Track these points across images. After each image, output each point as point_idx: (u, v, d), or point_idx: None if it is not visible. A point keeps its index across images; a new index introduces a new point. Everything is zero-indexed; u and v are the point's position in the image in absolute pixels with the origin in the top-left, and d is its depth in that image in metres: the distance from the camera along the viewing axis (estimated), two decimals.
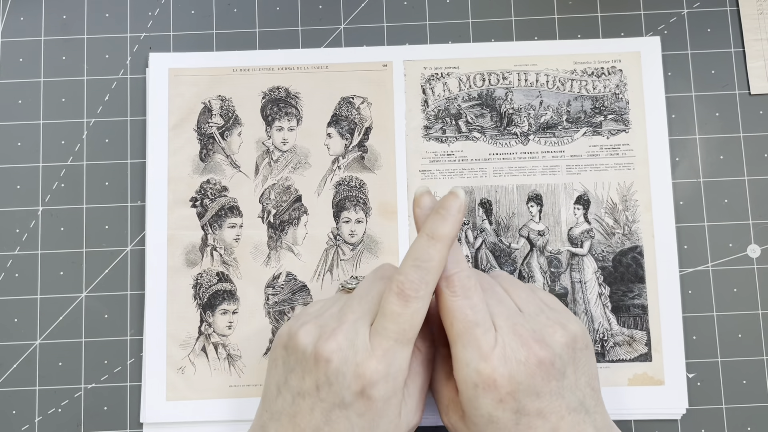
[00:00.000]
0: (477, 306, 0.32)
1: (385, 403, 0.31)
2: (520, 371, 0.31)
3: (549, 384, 0.31)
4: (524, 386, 0.31)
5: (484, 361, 0.31)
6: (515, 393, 0.31)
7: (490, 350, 0.31)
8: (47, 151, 0.44)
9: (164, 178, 0.43)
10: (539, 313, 0.34)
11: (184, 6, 0.46)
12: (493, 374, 0.31)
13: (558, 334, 0.33)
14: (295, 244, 0.43)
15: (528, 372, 0.31)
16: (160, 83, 0.44)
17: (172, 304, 0.42)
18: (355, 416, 0.31)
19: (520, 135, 0.44)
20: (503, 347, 0.31)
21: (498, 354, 0.31)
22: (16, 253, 0.43)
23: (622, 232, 0.43)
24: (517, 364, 0.31)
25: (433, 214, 0.33)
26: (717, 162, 0.44)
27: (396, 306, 0.31)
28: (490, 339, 0.32)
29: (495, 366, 0.31)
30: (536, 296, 0.36)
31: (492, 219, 0.43)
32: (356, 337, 0.32)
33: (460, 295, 0.32)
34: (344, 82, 0.44)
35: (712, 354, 0.42)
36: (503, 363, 0.31)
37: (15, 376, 0.42)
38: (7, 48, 0.45)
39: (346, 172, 0.44)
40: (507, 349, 0.31)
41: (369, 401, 0.31)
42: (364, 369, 0.31)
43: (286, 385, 0.33)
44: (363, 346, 0.31)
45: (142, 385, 0.42)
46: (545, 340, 0.32)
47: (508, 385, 0.31)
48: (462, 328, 0.32)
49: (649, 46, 0.44)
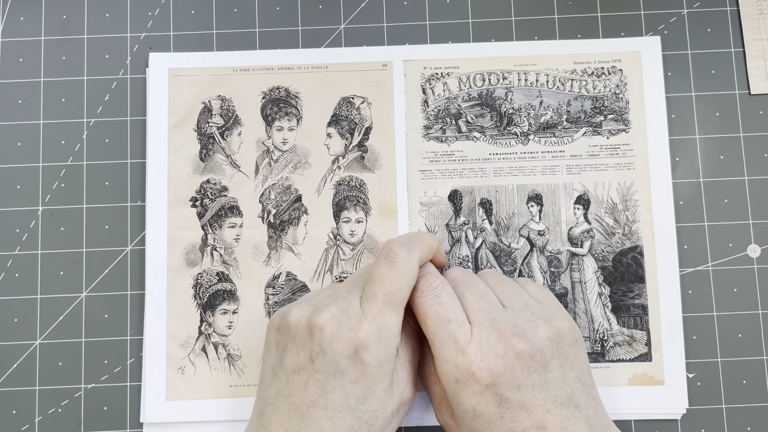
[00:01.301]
0: (446, 303, 0.34)
1: (378, 368, 0.32)
2: (498, 364, 0.32)
3: (530, 377, 0.32)
4: (504, 378, 0.32)
5: (461, 355, 0.32)
6: (495, 386, 0.32)
7: (466, 344, 0.32)
8: (47, 151, 0.44)
9: (164, 178, 0.43)
10: (524, 309, 0.35)
11: (184, 6, 0.46)
12: (471, 367, 0.32)
13: (541, 329, 0.33)
14: (295, 244, 0.43)
15: (506, 364, 0.32)
16: (160, 83, 0.44)
17: (172, 304, 0.42)
18: (349, 384, 0.32)
19: (520, 135, 0.44)
20: (479, 341, 0.32)
21: (474, 348, 0.32)
22: (16, 253, 0.43)
23: (622, 232, 0.43)
24: (495, 357, 0.32)
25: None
26: (717, 162, 0.44)
27: (384, 268, 0.33)
28: (465, 333, 0.33)
29: (472, 359, 0.32)
30: (524, 291, 0.37)
31: (492, 219, 0.43)
32: (348, 306, 0.33)
33: (428, 295, 0.34)
34: (344, 82, 0.44)
35: (712, 354, 0.42)
36: (480, 356, 0.32)
37: (15, 376, 0.42)
38: (7, 48, 0.45)
39: (346, 172, 0.44)
40: (484, 343, 0.32)
41: (362, 366, 0.32)
42: (356, 332, 0.32)
43: (281, 365, 0.33)
44: (355, 312, 0.33)
45: (142, 385, 0.42)
46: (525, 334, 0.33)
47: (488, 377, 0.32)
48: (435, 325, 0.33)
49: (649, 46, 0.44)
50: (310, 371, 0.32)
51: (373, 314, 0.32)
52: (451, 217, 0.43)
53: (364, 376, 0.32)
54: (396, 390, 0.34)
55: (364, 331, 0.32)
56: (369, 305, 0.33)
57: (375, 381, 0.32)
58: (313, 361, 0.32)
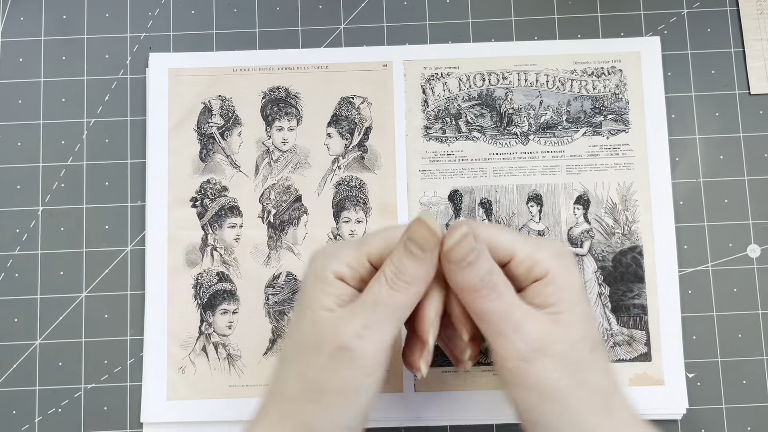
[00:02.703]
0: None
1: (314, 282, 0.31)
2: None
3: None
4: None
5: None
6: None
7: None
8: (47, 151, 0.44)
9: (164, 178, 0.43)
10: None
11: (184, 6, 0.46)
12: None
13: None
14: (295, 243, 0.43)
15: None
16: (160, 83, 0.44)
17: (172, 303, 0.42)
18: (297, 305, 0.32)
19: (520, 135, 0.44)
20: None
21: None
22: (16, 253, 0.43)
23: (622, 232, 0.43)
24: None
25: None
26: (717, 162, 0.44)
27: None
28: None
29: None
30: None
31: (492, 219, 0.43)
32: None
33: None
34: (344, 82, 0.44)
35: (712, 354, 0.42)
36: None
37: (15, 376, 0.42)
38: (7, 48, 0.45)
39: (346, 172, 0.44)
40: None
41: (302, 285, 0.32)
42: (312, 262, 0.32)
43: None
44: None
45: (143, 385, 0.42)
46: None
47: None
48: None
49: (649, 46, 0.44)
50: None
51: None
52: (451, 217, 0.43)
53: (302, 289, 0.32)
54: (332, 318, 0.30)
55: (318, 250, 0.32)
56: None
57: (306, 294, 0.31)
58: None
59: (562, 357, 0.30)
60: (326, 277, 0.31)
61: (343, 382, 0.29)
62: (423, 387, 0.42)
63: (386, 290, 0.30)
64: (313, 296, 0.31)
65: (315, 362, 0.30)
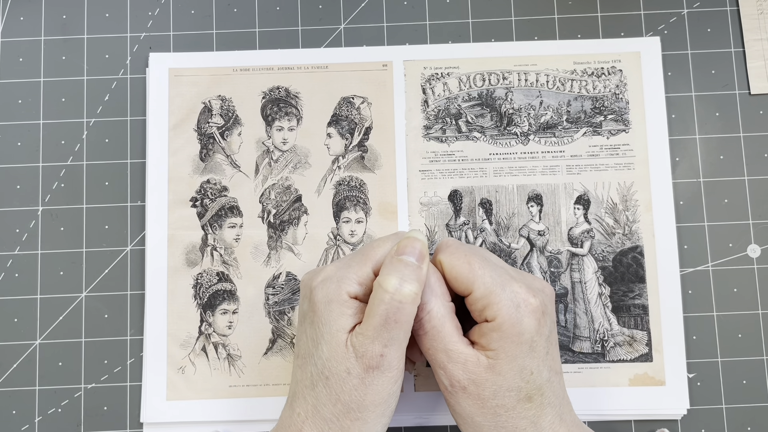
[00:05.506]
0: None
1: (326, 306, 0.33)
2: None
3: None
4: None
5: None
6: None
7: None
8: (47, 151, 0.44)
9: (164, 178, 0.43)
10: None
11: (184, 6, 0.46)
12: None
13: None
14: (295, 243, 0.43)
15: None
16: (160, 83, 0.44)
17: (172, 303, 0.42)
18: (309, 326, 0.34)
19: (520, 135, 0.44)
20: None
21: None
22: (16, 253, 0.43)
23: (623, 232, 0.43)
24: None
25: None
26: (717, 162, 0.44)
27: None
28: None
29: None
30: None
31: (492, 219, 0.43)
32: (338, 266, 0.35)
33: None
34: (344, 82, 0.44)
35: (713, 354, 0.42)
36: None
37: (15, 376, 0.42)
38: (7, 48, 0.45)
39: (346, 172, 0.44)
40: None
41: (313, 305, 0.33)
42: (312, 275, 0.35)
43: (302, 326, 0.35)
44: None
45: (142, 385, 0.42)
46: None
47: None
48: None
49: (649, 46, 0.44)
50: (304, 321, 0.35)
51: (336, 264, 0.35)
52: (451, 217, 0.43)
53: (314, 314, 0.33)
54: (353, 343, 0.32)
55: (318, 273, 0.34)
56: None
57: (322, 320, 0.33)
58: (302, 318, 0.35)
59: (485, 399, 0.33)
60: (342, 299, 0.33)
61: (376, 396, 0.32)
62: (423, 387, 0.42)
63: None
64: (329, 320, 0.33)
65: (347, 385, 0.32)
